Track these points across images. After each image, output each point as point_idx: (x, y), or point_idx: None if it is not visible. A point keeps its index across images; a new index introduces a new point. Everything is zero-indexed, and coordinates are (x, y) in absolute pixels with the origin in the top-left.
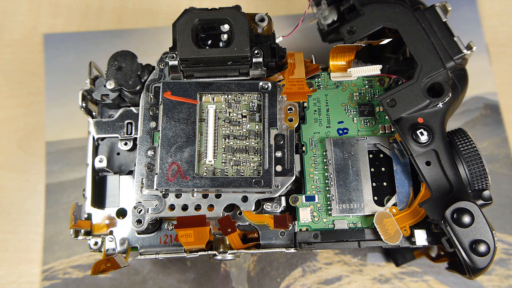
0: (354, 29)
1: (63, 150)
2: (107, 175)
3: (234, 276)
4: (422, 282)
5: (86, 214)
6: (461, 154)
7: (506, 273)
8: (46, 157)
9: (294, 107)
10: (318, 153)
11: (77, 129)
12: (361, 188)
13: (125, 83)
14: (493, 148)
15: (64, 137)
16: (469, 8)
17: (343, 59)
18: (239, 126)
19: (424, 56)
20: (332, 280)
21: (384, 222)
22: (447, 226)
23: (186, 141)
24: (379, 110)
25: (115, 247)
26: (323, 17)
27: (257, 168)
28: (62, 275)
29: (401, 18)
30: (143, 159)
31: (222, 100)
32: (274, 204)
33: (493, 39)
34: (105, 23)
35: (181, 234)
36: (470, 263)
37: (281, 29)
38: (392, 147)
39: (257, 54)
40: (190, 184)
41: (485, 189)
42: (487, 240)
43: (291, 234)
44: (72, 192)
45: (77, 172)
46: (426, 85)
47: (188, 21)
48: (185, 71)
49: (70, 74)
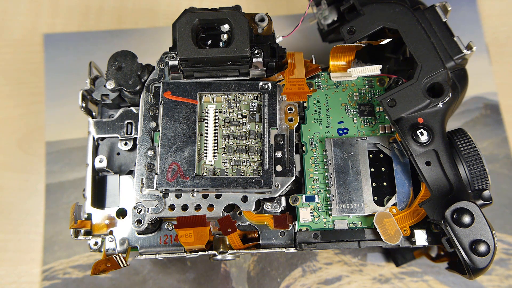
0: (354, 29)
1: (63, 150)
2: (107, 175)
3: (234, 276)
4: (422, 282)
5: (86, 214)
6: (461, 154)
7: (506, 273)
8: (46, 157)
9: (294, 107)
10: (318, 153)
11: (77, 129)
12: (361, 188)
13: (125, 83)
14: (493, 148)
15: (64, 137)
16: (469, 8)
17: (343, 59)
18: (239, 126)
19: (424, 56)
20: (332, 280)
21: (384, 222)
22: (447, 226)
23: (186, 141)
24: (379, 110)
25: (115, 247)
26: (323, 17)
27: (257, 168)
28: (62, 275)
29: (401, 18)
30: (143, 159)
31: (222, 100)
32: (274, 204)
33: (493, 39)
34: (105, 23)
35: (181, 234)
36: (470, 263)
37: (281, 29)
38: (392, 147)
39: (257, 54)
40: (190, 184)
41: (485, 189)
42: (487, 240)
43: (291, 234)
44: (72, 192)
45: (77, 172)
46: (426, 85)
47: (188, 21)
48: (185, 71)
49: (70, 74)
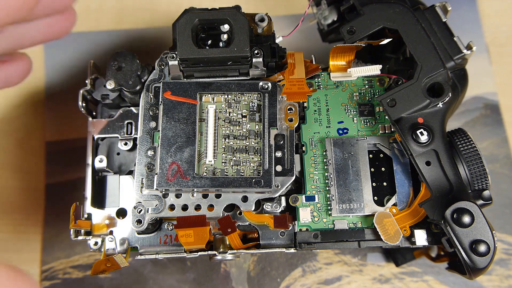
0: (354, 29)
1: (63, 150)
2: (107, 175)
3: (234, 276)
4: (422, 282)
5: (86, 214)
6: (461, 154)
7: (506, 273)
8: (46, 157)
9: (294, 107)
10: (318, 153)
11: (77, 129)
12: (361, 188)
13: (125, 83)
14: (493, 148)
15: (64, 137)
16: (469, 8)
17: (343, 59)
18: (239, 126)
19: (424, 56)
20: (332, 280)
21: (384, 222)
22: (447, 226)
23: (186, 141)
24: (379, 110)
25: (115, 247)
26: (323, 17)
27: (257, 168)
28: (62, 275)
29: (401, 18)
30: (143, 159)
31: (222, 100)
32: (274, 204)
33: (493, 39)
34: (105, 23)
35: (181, 234)
36: (470, 263)
37: (281, 29)
38: (392, 147)
39: (257, 54)
40: (190, 184)
41: (485, 189)
42: (487, 240)
43: (291, 234)
44: (72, 192)
45: (77, 172)
46: (426, 85)
47: (188, 21)
48: (185, 71)
49: (70, 74)
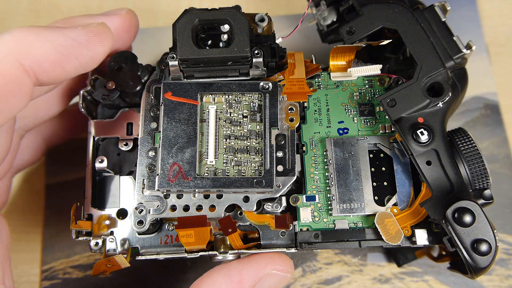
0: (353, 30)
1: (63, 150)
2: (107, 176)
3: None
4: (422, 282)
5: (87, 215)
6: (461, 153)
7: (506, 273)
8: (46, 157)
9: (295, 107)
10: (319, 153)
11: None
12: (361, 188)
13: (125, 84)
14: (493, 148)
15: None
16: (469, 8)
17: (343, 59)
18: (240, 126)
19: (423, 56)
20: (332, 280)
21: (385, 222)
22: (448, 225)
23: (187, 142)
24: (379, 110)
25: (115, 247)
26: (322, 18)
27: (258, 168)
28: (62, 275)
29: (400, 18)
30: (144, 160)
31: (223, 100)
32: (274, 204)
33: (493, 39)
34: None
35: (182, 234)
36: (471, 263)
37: (281, 29)
38: (393, 147)
39: (257, 54)
40: (192, 184)
41: (486, 188)
42: (489, 239)
43: (292, 234)
44: (72, 192)
45: (77, 172)
46: (426, 85)
47: (188, 21)
48: (185, 71)
49: None
